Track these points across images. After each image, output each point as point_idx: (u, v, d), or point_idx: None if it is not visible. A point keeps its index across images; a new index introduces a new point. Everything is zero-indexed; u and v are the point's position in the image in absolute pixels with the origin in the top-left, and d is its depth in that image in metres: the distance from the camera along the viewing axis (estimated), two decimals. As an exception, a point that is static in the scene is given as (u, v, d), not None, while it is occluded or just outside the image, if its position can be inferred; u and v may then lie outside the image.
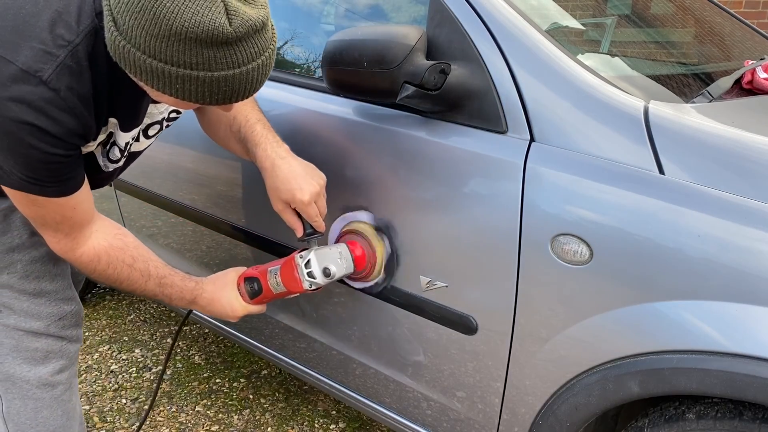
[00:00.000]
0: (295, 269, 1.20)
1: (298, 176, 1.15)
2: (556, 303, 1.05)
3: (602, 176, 0.99)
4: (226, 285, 1.27)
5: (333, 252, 1.20)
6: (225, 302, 1.26)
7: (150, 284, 1.19)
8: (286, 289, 1.23)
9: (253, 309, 1.28)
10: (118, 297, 2.71)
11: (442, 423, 1.32)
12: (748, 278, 0.88)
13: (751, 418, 0.93)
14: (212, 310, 1.26)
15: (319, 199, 1.17)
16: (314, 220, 1.17)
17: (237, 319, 1.28)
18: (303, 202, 1.14)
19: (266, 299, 1.28)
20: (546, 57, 1.09)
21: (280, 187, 1.15)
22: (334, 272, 1.19)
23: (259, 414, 1.96)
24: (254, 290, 1.26)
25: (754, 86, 1.33)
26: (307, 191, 1.14)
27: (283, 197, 1.16)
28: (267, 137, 1.19)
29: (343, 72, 1.15)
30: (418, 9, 1.37)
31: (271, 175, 1.16)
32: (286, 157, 1.17)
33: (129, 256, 1.15)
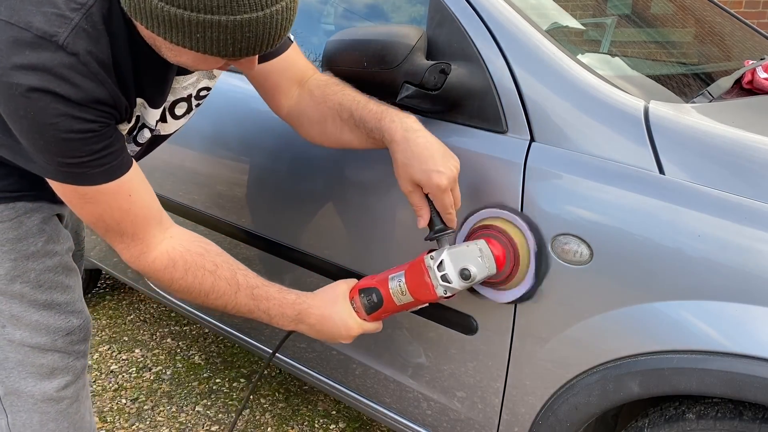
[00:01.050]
0: (425, 273, 1.02)
1: (435, 155, 0.99)
2: (556, 303, 1.04)
3: (602, 176, 0.99)
4: (337, 299, 1.08)
5: (471, 249, 1.01)
6: (338, 320, 1.07)
7: (241, 297, 1.04)
8: (413, 299, 1.05)
9: (369, 327, 1.10)
10: (118, 297, 2.71)
11: (442, 423, 1.32)
12: (748, 278, 0.88)
13: (751, 418, 0.93)
14: (321, 330, 1.08)
15: (455, 187, 1.01)
16: (448, 212, 1.02)
17: (351, 340, 1.09)
18: (440, 187, 0.98)
19: (387, 313, 1.09)
20: (546, 57, 1.09)
21: (415, 165, 0.99)
22: (474, 274, 0.99)
23: (259, 414, 1.96)
24: (373, 303, 1.07)
25: (754, 86, 1.33)
26: (446, 175, 0.98)
27: (416, 177, 0.99)
28: (389, 110, 1.05)
29: (343, 72, 1.15)
30: (418, 9, 1.37)
31: (404, 149, 1.00)
32: (420, 130, 1.01)
33: (210, 262, 1.02)
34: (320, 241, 1.37)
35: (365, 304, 1.09)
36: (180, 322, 2.51)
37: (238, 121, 1.49)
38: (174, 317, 2.55)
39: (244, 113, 1.48)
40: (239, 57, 0.83)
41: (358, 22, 1.47)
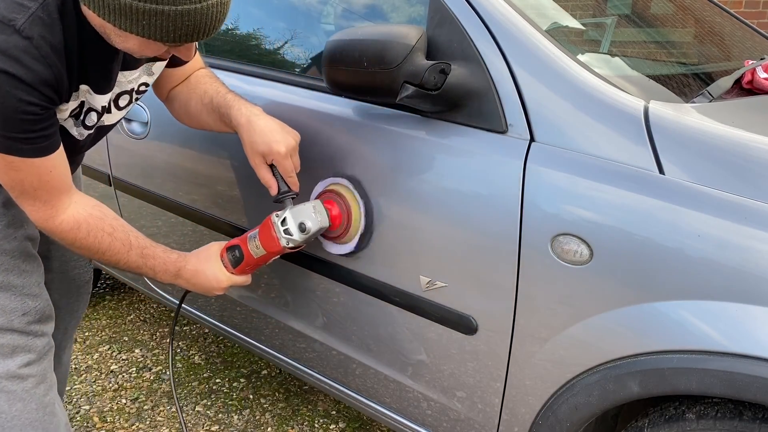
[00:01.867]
0: (272, 228, 1.21)
1: (274, 130, 1.19)
2: (556, 303, 1.05)
3: (602, 176, 0.99)
4: (210, 257, 1.26)
5: (307, 207, 1.21)
6: (210, 274, 1.25)
7: (132, 255, 1.18)
8: (266, 252, 1.23)
9: (237, 279, 1.27)
10: (118, 297, 2.71)
11: (442, 423, 1.32)
12: (748, 278, 0.88)
13: (751, 418, 0.93)
14: (197, 283, 1.25)
15: (294, 154, 1.20)
16: (289, 176, 1.21)
17: (223, 291, 1.27)
18: (280, 153, 1.17)
19: (249, 266, 1.27)
20: (546, 57, 1.09)
21: (257, 140, 1.18)
22: (309, 227, 1.19)
23: (259, 414, 1.96)
24: (236, 258, 1.26)
25: (754, 86, 1.33)
26: (284, 144, 1.18)
27: (259, 149, 1.18)
28: (240, 100, 1.25)
29: (343, 72, 1.15)
30: (418, 9, 1.37)
31: (247, 130, 1.20)
32: (261, 114, 1.22)
33: (108, 225, 1.16)
34: (319, 241, 1.37)
35: (231, 259, 1.27)
36: (180, 322, 2.51)
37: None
38: (174, 317, 2.55)
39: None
40: (179, 43, 0.96)
41: (358, 22, 1.47)
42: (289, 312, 1.53)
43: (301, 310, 1.50)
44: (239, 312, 1.68)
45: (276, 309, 1.56)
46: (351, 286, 1.35)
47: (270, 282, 1.54)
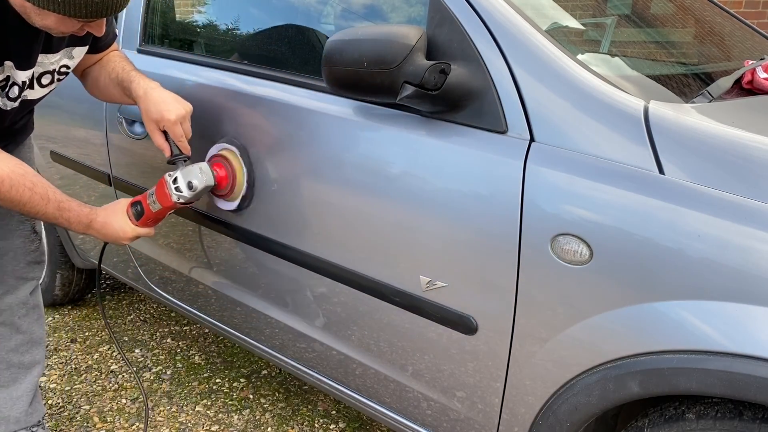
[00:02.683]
0: (165, 186, 1.39)
1: (166, 100, 1.35)
2: (556, 303, 1.05)
3: (602, 176, 0.99)
4: (117, 211, 1.43)
5: (195, 168, 1.39)
6: (116, 226, 1.41)
7: (50, 208, 1.31)
8: (161, 206, 1.41)
9: (141, 231, 1.44)
10: (118, 297, 2.71)
11: (442, 423, 1.32)
12: (748, 278, 0.88)
13: (751, 418, 0.93)
14: (106, 233, 1.41)
15: (185, 122, 1.37)
16: (180, 141, 1.37)
17: (129, 240, 1.42)
18: (170, 120, 1.34)
19: (149, 219, 1.44)
20: (546, 57, 1.09)
21: (151, 108, 1.35)
22: (196, 185, 1.37)
23: (259, 414, 1.96)
24: (138, 212, 1.44)
25: (754, 86, 1.33)
26: (174, 112, 1.34)
27: (153, 117, 1.35)
28: (141, 76, 1.41)
29: (343, 72, 1.15)
30: (418, 9, 1.37)
31: (144, 100, 1.36)
32: (157, 88, 1.38)
33: (29, 181, 1.26)
34: (319, 241, 1.37)
35: (134, 213, 1.44)
36: (180, 322, 2.51)
37: (237, 122, 1.49)
38: (174, 317, 2.55)
39: (243, 112, 1.48)
40: (91, 19, 1.11)
41: (358, 22, 1.47)
42: (289, 312, 1.53)
43: (301, 310, 1.50)
44: (239, 312, 1.68)
45: (276, 309, 1.56)
46: (351, 286, 1.35)
47: (270, 282, 1.54)
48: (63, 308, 2.60)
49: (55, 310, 2.58)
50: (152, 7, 1.81)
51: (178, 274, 1.82)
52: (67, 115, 1.97)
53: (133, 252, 1.97)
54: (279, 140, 1.40)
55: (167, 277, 1.88)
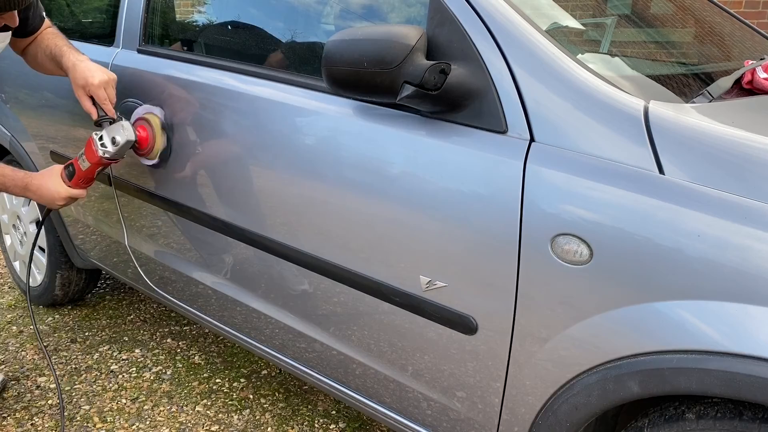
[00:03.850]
0: (92, 143, 1.54)
1: (92, 68, 1.52)
2: (556, 303, 1.05)
3: (602, 176, 0.99)
4: (52, 174, 1.59)
5: (118, 126, 1.54)
6: (51, 187, 1.56)
7: None
8: (89, 163, 1.56)
9: (74, 192, 1.59)
10: (118, 297, 2.71)
11: (442, 423, 1.32)
12: (748, 278, 0.88)
13: (751, 418, 0.93)
14: (42, 195, 1.57)
15: (109, 88, 1.52)
16: (104, 104, 1.52)
17: (63, 200, 1.58)
18: (93, 84, 1.49)
19: (80, 178, 1.59)
20: (546, 57, 1.09)
21: (78, 76, 1.51)
22: (119, 141, 1.52)
23: (259, 414, 1.96)
24: (70, 172, 1.59)
25: (754, 86, 1.33)
26: (98, 77, 1.50)
27: (79, 83, 1.51)
28: (71, 51, 1.58)
29: (343, 72, 1.15)
30: (418, 9, 1.37)
31: (72, 70, 1.53)
32: (85, 60, 1.55)
33: None
34: (319, 241, 1.37)
35: (67, 174, 1.60)
36: (180, 322, 2.51)
37: (237, 122, 1.49)
38: (174, 317, 2.55)
39: (245, 111, 1.48)
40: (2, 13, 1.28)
41: (357, 22, 1.47)
42: (289, 312, 1.53)
43: (301, 310, 1.50)
44: (239, 312, 1.68)
45: (276, 309, 1.56)
46: (351, 286, 1.35)
47: (270, 282, 1.54)
48: (63, 308, 2.60)
49: (55, 310, 2.58)
50: (152, 7, 1.81)
51: (178, 274, 1.82)
52: (67, 115, 1.97)
53: (133, 252, 1.97)
54: (279, 140, 1.40)
55: (167, 277, 1.88)
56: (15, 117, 2.23)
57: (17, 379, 2.13)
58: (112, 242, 2.05)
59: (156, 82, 1.69)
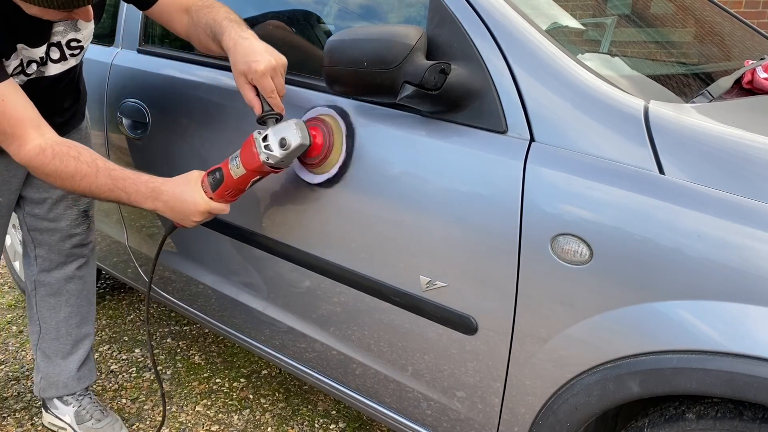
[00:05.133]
0: (253, 144, 1.21)
1: (256, 51, 1.20)
2: (556, 303, 1.05)
3: (602, 176, 0.99)
4: (189, 181, 1.27)
5: (290, 124, 1.21)
6: (188, 197, 1.24)
7: (101, 177, 1.23)
8: (245, 170, 1.23)
9: (215, 206, 1.27)
10: (118, 297, 2.71)
11: (442, 423, 1.32)
12: (748, 278, 0.88)
13: (751, 418, 0.93)
14: (174, 206, 1.25)
15: (276, 76, 1.21)
16: (270, 96, 1.21)
17: (201, 216, 1.26)
18: (257, 71, 1.18)
19: (228, 189, 1.26)
20: (546, 57, 1.09)
21: (239, 59, 1.21)
22: (290, 143, 1.19)
23: (259, 414, 1.96)
24: (216, 180, 1.26)
25: (754, 86, 1.33)
26: (263, 62, 1.18)
27: (240, 68, 1.21)
28: (233, 26, 1.27)
29: (343, 72, 1.15)
30: (418, 9, 1.37)
31: (233, 52, 1.23)
32: (248, 37, 1.24)
33: (75, 150, 1.24)
34: (319, 241, 1.37)
35: (211, 182, 1.27)
36: (180, 322, 2.51)
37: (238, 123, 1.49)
38: (174, 317, 2.55)
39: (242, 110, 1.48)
40: (68, 10, 1.13)
41: (358, 22, 1.47)
42: (289, 312, 1.53)
43: (301, 309, 1.50)
44: (239, 312, 1.68)
45: (276, 309, 1.56)
46: (351, 286, 1.35)
47: (270, 282, 1.54)
48: (63, 308, 2.59)
49: (55, 310, 2.58)
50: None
51: (178, 274, 1.82)
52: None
53: (133, 252, 1.97)
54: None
55: (167, 277, 1.88)
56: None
57: (17, 379, 2.13)
58: (112, 242, 2.05)
59: (156, 81, 1.69)
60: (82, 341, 1.80)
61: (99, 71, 1.87)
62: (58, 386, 1.79)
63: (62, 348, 1.77)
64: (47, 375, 1.78)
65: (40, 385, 1.80)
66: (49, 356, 1.77)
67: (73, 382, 1.80)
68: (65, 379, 1.79)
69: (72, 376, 1.79)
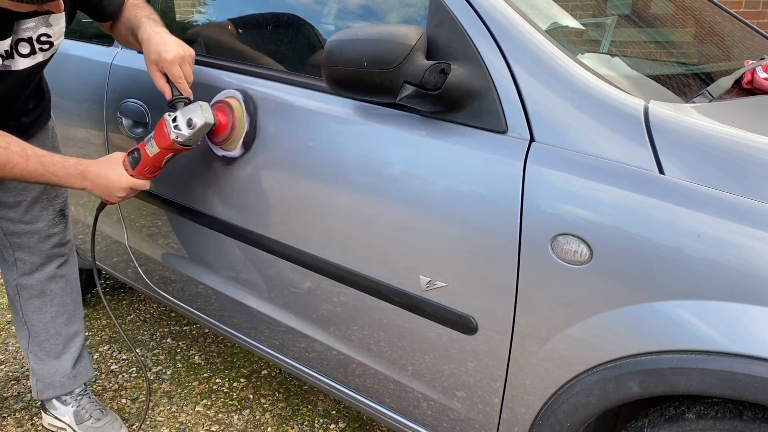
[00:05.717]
0: (164, 125, 1.36)
1: (167, 43, 1.36)
2: (556, 303, 1.05)
3: (602, 176, 0.99)
4: (113, 162, 1.41)
5: (195, 106, 1.36)
6: (112, 175, 1.39)
7: (32, 164, 1.31)
8: (159, 149, 1.38)
9: (136, 182, 1.41)
10: (118, 297, 2.71)
11: (442, 423, 1.32)
12: (748, 278, 0.88)
13: (751, 418, 0.93)
14: (100, 184, 1.38)
15: (185, 65, 1.36)
16: (179, 82, 1.36)
17: (124, 192, 1.40)
18: (167, 60, 1.34)
19: (146, 166, 1.41)
20: (546, 57, 1.09)
21: (151, 50, 1.36)
22: (195, 122, 1.34)
23: (259, 414, 1.96)
24: (135, 159, 1.41)
25: (754, 86, 1.33)
26: (172, 52, 1.34)
27: (152, 58, 1.35)
28: (149, 23, 1.43)
29: (343, 72, 1.15)
30: (418, 9, 1.37)
31: (146, 44, 1.38)
32: (161, 32, 1.39)
33: (4, 141, 1.29)
34: (319, 241, 1.37)
35: (131, 161, 1.42)
36: (180, 322, 2.51)
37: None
38: (174, 317, 2.55)
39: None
40: (41, 2, 1.16)
41: (357, 21, 1.47)
42: (289, 312, 1.53)
43: (300, 309, 1.50)
44: (239, 312, 1.68)
45: (276, 309, 1.56)
46: (351, 286, 1.35)
47: (270, 282, 1.54)
48: (63, 308, 2.59)
49: (55, 310, 2.58)
50: (152, 7, 1.81)
51: (178, 274, 1.82)
52: (66, 115, 1.97)
53: (133, 252, 1.97)
54: (279, 140, 1.40)
55: (167, 277, 1.88)
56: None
57: (17, 379, 2.13)
58: (112, 242, 2.05)
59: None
60: (73, 339, 1.80)
61: (99, 71, 1.87)
62: (55, 386, 1.79)
63: (54, 348, 1.77)
64: (42, 376, 1.78)
65: (37, 388, 1.80)
66: (41, 358, 1.77)
67: (69, 380, 1.80)
68: (61, 378, 1.79)
69: (68, 374, 1.79)
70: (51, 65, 2.04)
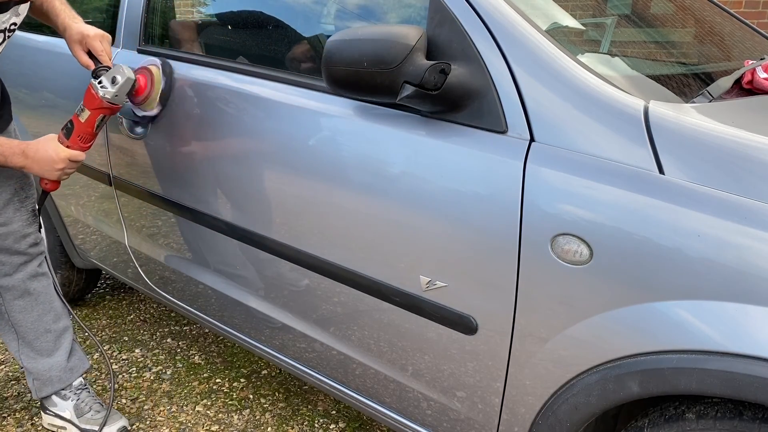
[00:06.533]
0: (91, 88, 1.50)
1: (87, 27, 1.55)
2: (556, 303, 1.05)
3: (602, 176, 0.99)
4: (49, 138, 1.53)
5: (117, 67, 1.50)
6: (49, 149, 1.50)
7: None
8: (89, 111, 1.50)
9: (72, 153, 1.52)
10: (118, 297, 2.71)
11: (442, 423, 1.32)
12: (748, 278, 0.88)
13: (751, 418, 0.94)
14: (38, 159, 1.50)
15: (104, 42, 1.55)
16: (100, 55, 1.53)
17: (62, 163, 1.51)
18: (89, 35, 1.52)
19: (79, 133, 1.52)
20: (546, 57, 1.09)
21: (73, 34, 1.54)
22: (119, 79, 1.48)
23: (259, 414, 1.96)
24: (69, 129, 1.53)
25: (754, 86, 1.33)
26: (92, 30, 1.53)
27: (75, 38, 1.54)
28: (64, 11, 1.60)
29: (343, 72, 1.15)
30: (418, 9, 1.37)
31: (68, 30, 1.56)
32: (79, 22, 1.58)
33: None
34: (319, 241, 1.37)
35: (65, 133, 1.54)
36: (180, 322, 2.51)
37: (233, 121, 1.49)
38: (174, 317, 2.55)
39: (242, 110, 1.48)
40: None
41: (357, 21, 1.47)
42: (289, 312, 1.53)
43: (301, 309, 1.50)
44: (239, 312, 1.68)
45: (276, 309, 1.56)
46: (351, 286, 1.35)
47: (270, 282, 1.54)
48: (63, 308, 2.59)
49: (55, 310, 2.58)
50: (152, 7, 1.81)
51: (178, 274, 1.82)
52: (66, 115, 1.97)
53: (133, 252, 1.97)
54: (279, 140, 1.40)
55: (167, 277, 1.88)
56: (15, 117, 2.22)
57: (17, 379, 2.13)
58: (112, 242, 2.05)
59: (156, 82, 1.69)
60: (63, 335, 1.81)
61: (99, 71, 1.87)
62: (53, 382, 1.80)
63: (45, 346, 1.78)
64: (39, 374, 1.79)
65: (35, 387, 1.81)
66: (34, 357, 1.78)
67: (66, 373, 1.81)
68: (57, 373, 1.80)
69: (63, 368, 1.81)
70: (49, 66, 2.04)
